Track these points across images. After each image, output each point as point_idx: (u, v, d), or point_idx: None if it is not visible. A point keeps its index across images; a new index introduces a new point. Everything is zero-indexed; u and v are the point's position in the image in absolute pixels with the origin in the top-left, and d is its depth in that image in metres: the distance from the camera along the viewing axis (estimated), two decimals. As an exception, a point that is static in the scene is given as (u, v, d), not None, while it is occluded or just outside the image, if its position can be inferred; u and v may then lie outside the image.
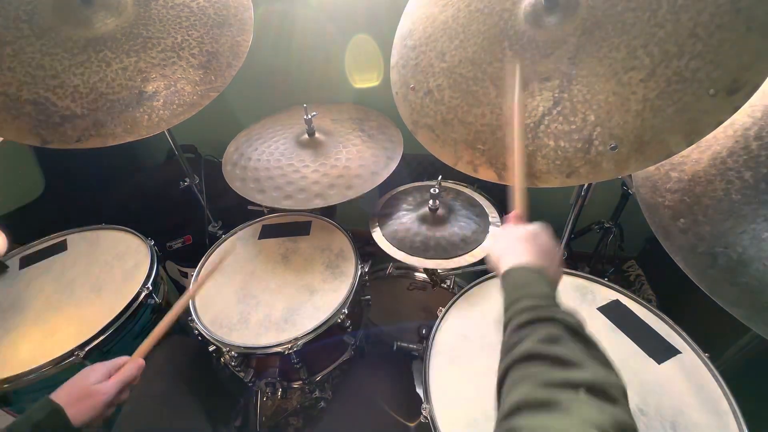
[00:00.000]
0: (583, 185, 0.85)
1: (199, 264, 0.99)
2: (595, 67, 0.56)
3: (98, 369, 0.62)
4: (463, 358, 0.71)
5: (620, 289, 0.79)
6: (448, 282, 1.03)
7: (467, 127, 0.66)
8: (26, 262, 1.01)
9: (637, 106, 0.53)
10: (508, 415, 0.33)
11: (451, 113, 0.68)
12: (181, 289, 1.36)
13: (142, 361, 0.65)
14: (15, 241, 1.03)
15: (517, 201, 0.59)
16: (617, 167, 0.54)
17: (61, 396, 0.58)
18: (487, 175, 0.64)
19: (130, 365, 0.64)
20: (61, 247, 1.04)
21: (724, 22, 0.49)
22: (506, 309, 0.45)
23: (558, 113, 0.58)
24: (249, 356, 0.87)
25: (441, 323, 0.76)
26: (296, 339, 0.81)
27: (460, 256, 0.94)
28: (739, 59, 0.48)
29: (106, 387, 0.59)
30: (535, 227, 0.53)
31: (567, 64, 0.58)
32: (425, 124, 0.71)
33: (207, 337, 0.83)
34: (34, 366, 0.76)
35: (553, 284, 0.48)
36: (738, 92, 0.47)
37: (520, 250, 0.50)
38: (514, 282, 0.47)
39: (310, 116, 0.99)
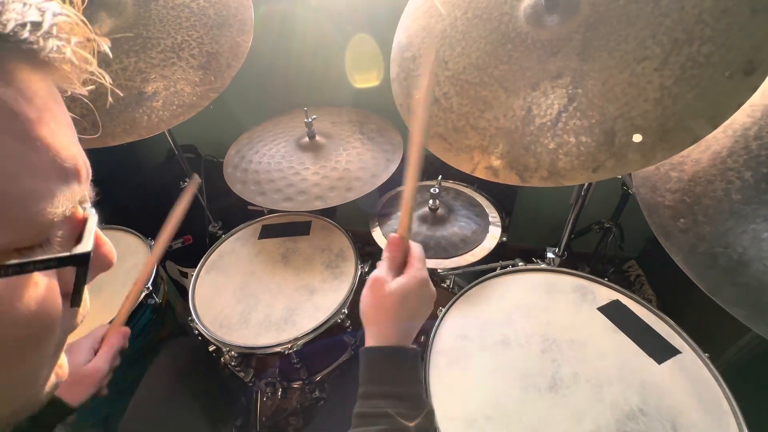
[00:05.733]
0: (583, 185, 0.85)
1: (199, 266, 0.99)
2: (606, 60, 0.56)
3: (83, 347, 0.61)
4: (463, 358, 0.70)
5: (620, 289, 0.79)
6: (448, 282, 1.03)
7: (481, 133, 0.65)
8: (26, 262, 1.01)
9: (655, 95, 0.52)
10: None
11: (462, 120, 0.67)
12: (181, 289, 1.36)
13: (126, 329, 0.64)
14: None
15: (402, 220, 0.52)
16: (644, 158, 0.53)
17: None
18: (508, 178, 0.62)
19: (113, 334, 0.63)
20: (61, 247, 1.04)
21: (728, 6, 0.49)
22: (365, 395, 0.46)
23: (574, 109, 0.57)
24: (249, 356, 0.87)
25: (441, 323, 0.76)
26: (296, 339, 0.81)
27: (460, 255, 0.95)
28: (749, 41, 0.48)
29: (98, 364, 0.59)
30: (407, 283, 0.48)
31: (576, 61, 0.58)
32: (436, 133, 0.70)
33: (207, 337, 0.83)
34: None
35: (407, 358, 0.48)
36: (755, 72, 0.47)
37: (385, 322, 0.48)
38: (374, 369, 0.47)
39: (310, 119, 0.99)
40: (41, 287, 0.20)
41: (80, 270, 0.22)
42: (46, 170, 0.19)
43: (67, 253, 0.21)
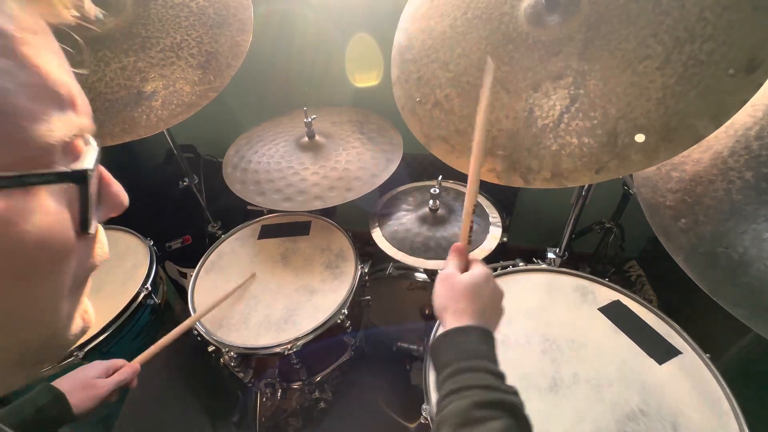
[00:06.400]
0: (584, 185, 0.85)
1: (198, 266, 0.99)
2: (607, 60, 0.56)
3: (98, 366, 0.65)
4: (464, 359, 0.70)
5: (621, 289, 0.79)
6: (448, 282, 1.03)
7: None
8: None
9: (657, 94, 0.52)
10: None
11: (464, 122, 0.67)
12: (180, 289, 1.36)
13: (138, 366, 0.68)
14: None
15: (464, 231, 0.54)
16: (647, 158, 0.53)
17: (62, 384, 0.60)
18: (511, 180, 0.62)
19: (127, 368, 0.66)
20: (60, 247, 1.04)
21: (729, 4, 0.49)
22: (452, 372, 0.43)
23: (576, 110, 0.57)
24: (248, 357, 0.87)
25: (441, 323, 0.76)
26: (296, 339, 0.80)
27: (460, 256, 0.94)
28: (751, 38, 0.48)
29: (105, 382, 0.63)
30: (476, 273, 0.50)
31: (578, 61, 0.58)
32: (438, 135, 0.70)
33: (206, 337, 0.83)
34: (33, 366, 0.76)
35: (491, 340, 0.47)
36: (757, 70, 0.47)
37: (461, 307, 0.48)
38: (460, 347, 0.45)
39: (310, 119, 0.99)
40: (50, 213, 0.21)
41: (82, 189, 0.23)
42: (37, 91, 0.20)
43: (66, 169, 0.22)
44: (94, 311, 0.28)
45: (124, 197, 0.28)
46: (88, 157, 0.24)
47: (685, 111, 0.51)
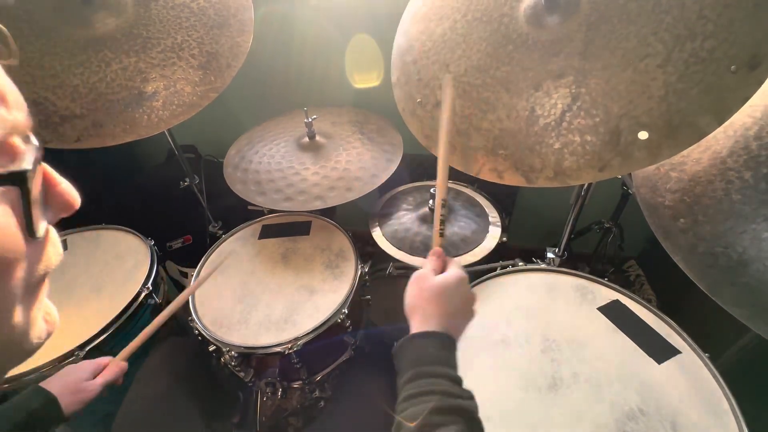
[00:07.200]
0: (583, 185, 0.85)
1: (198, 266, 0.99)
2: (608, 58, 0.56)
3: (87, 367, 0.66)
4: (463, 358, 0.70)
5: (620, 289, 0.79)
6: (448, 282, 1.03)
7: (484, 134, 0.65)
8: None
9: (659, 92, 0.52)
10: None
11: (465, 122, 0.67)
12: (181, 289, 1.36)
13: (125, 364, 0.69)
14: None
15: (435, 237, 0.56)
16: (650, 155, 0.53)
17: (54, 387, 0.61)
18: (514, 180, 0.63)
19: (113, 367, 0.67)
20: (61, 247, 1.04)
21: (730, 2, 0.49)
22: (413, 377, 0.44)
23: (578, 108, 0.57)
24: (249, 356, 0.87)
25: (441, 323, 0.76)
26: (296, 339, 0.81)
27: (460, 256, 0.95)
28: (753, 35, 0.48)
29: (94, 386, 0.64)
30: (448, 277, 0.51)
31: (578, 60, 0.58)
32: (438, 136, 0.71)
33: (207, 337, 0.83)
34: (34, 366, 0.76)
35: (452, 346, 0.48)
36: (759, 66, 0.47)
37: (429, 310, 0.49)
38: (422, 351, 0.47)
39: (310, 119, 0.99)
40: None
41: (23, 192, 0.21)
42: None
43: (1, 171, 0.20)
44: (58, 312, 0.27)
45: (72, 197, 0.26)
46: (27, 157, 0.22)
47: (687, 108, 0.51)
